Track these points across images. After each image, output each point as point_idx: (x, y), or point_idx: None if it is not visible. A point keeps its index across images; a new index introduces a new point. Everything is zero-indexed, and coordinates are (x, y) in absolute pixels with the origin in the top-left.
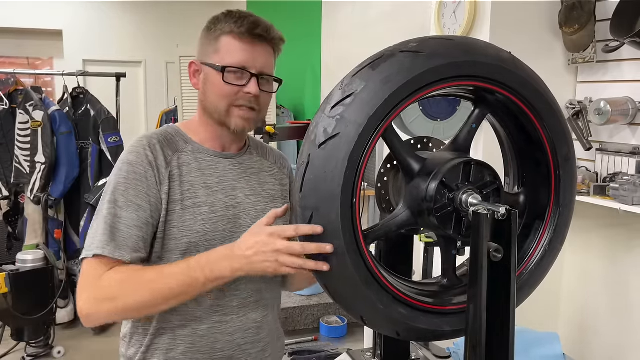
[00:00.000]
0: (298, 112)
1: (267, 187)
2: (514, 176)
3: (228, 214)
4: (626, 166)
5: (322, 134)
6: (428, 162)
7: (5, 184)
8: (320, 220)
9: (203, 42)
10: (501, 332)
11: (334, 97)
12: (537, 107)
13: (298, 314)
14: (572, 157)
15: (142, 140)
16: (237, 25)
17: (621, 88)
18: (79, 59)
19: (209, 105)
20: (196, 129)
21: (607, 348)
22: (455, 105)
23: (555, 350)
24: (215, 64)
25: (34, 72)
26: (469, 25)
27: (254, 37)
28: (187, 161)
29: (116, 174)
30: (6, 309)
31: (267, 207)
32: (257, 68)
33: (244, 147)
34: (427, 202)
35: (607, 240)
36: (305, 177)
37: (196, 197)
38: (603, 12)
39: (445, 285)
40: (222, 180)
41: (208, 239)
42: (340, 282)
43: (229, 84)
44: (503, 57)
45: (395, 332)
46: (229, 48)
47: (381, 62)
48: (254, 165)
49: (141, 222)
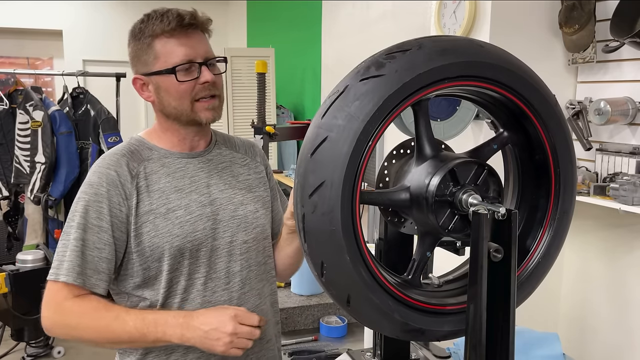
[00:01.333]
0: (298, 112)
1: (241, 178)
2: (509, 201)
3: (205, 212)
4: (626, 166)
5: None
6: (444, 153)
7: (5, 184)
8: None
9: (137, 55)
10: (501, 332)
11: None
12: (558, 156)
13: (298, 314)
14: (570, 212)
15: (105, 158)
16: (165, 24)
17: (621, 88)
18: (79, 59)
19: (171, 110)
20: (160, 135)
21: (607, 348)
22: (456, 105)
23: (555, 350)
24: (162, 69)
25: (34, 72)
26: (469, 25)
27: (185, 28)
28: (154, 169)
29: (80, 197)
30: (6, 309)
31: (245, 198)
32: (202, 55)
33: (211, 142)
34: (430, 187)
35: (607, 240)
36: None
37: (169, 203)
38: (603, 12)
39: (408, 281)
40: (194, 181)
41: (191, 240)
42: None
43: (184, 82)
44: (554, 99)
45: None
46: (167, 48)
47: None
48: (224, 159)
49: (102, 243)
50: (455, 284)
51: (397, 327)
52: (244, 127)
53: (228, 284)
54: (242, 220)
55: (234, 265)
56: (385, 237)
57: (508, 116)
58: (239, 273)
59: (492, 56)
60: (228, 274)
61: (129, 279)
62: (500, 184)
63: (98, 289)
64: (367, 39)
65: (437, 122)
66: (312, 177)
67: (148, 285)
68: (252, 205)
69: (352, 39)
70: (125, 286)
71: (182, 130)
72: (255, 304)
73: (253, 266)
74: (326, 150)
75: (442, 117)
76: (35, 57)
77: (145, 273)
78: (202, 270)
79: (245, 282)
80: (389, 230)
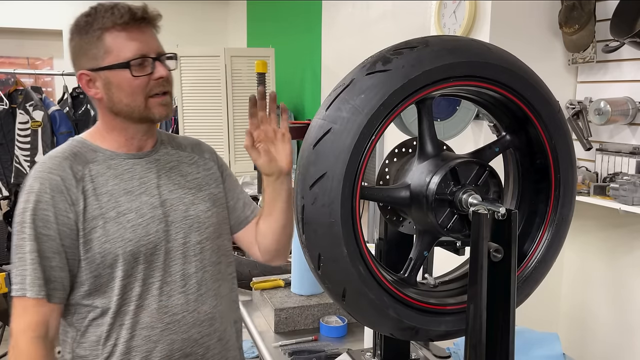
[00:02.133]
0: (298, 112)
1: (190, 177)
2: (508, 204)
3: (157, 214)
4: (626, 166)
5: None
6: (446, 152)
7: (5, 184)
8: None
9: (83, 48)
10: (501, 332)
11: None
12: (559, 161)
13: (298, 314)
14: (569, 217)
15: (45, 162)
16: (117, 17)
17: (621, 88)
18: None
19: (122, 107)
20: (104, 136)
21: (607, 348)
22: (455, 105)
23: (555, 350)
24: (114, 63)
25: (34, 72)
26: (469, 25)
27: (137, 23)
28: (100, 171)
29: (25, 208)
30: (6, 309)
31: (196, 198)
32: (154, 51)
33: (157, 142)
34: (430, 185)
35: (607, 240)
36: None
37: (119, 206)
38: (603, 12)
39: (404, 279)
40: (143, 182)
41: (144, 243)
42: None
43: (139, 77)
44: (557, 105)
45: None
46: (119, 42)
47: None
48: (171, 158)
49: (52, 252)
50: (451, 284)
51: (392, 324)
52: (243, 127)
53: (184, 286)
54: (194, 220)
55: (189, 267)
56: (386, 237)
57: (511, 120)
58: (194, 275)
59: (500, 58)
60: (184, 276)
61: (77, 288)
62: (501, 186)
63: (55, 299)
64: (367, 39)
65: (437, 122)
66: (314, 168)
67: (99, 293)
68: (203, 204)
69: (352, 39)
70: (74, 296)
71: (131, 129)
72: (213, 305)
73: (208, 267)
74: (329, 142)
75: (442, 117)
76: (35, 57)
77: (95, 281)
78: (157, 274)
79: (202, 283)
80: (389, 230)
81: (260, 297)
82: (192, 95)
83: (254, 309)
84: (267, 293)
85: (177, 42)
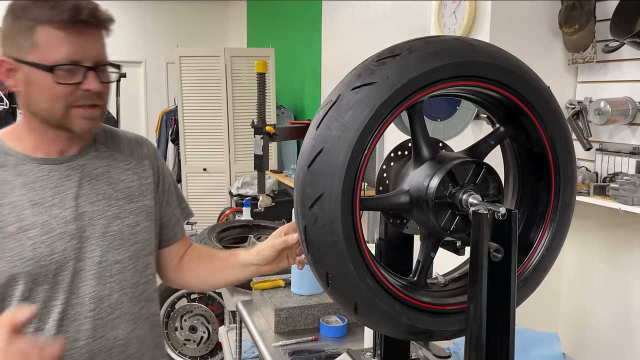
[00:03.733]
0: (298, 112)
1: (120, 186)
2: (509, 199)
3: (69, 230)
4: (626, 166)
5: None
6: (441, 154)
7: None
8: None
9: (10, 35)
10: (501, 332)
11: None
12: (557, 148)
13: (298, 314)
14: (572, 203)
15: None
16: (56, 12)
17: (621, 88)
18: None
19: (39, 110)
20: (22, 136)
21: (606, 348)
22: (455, 105)
23: (555, 350)
24: (38, 62)
25: None
26: (469, 25)
27: (79, 24)
28: (7, 178)
29: None
30: None
31: (122, 211)
32: (92, 59)
33: (87, 143)
34: (429, 189)
35: (607, 240)
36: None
37: (22, 220)
38: (603, 12)
39: (414, 282)
40: (58, 192)
41: (45, 264)
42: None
43: (62, 84)
44: (548, 92)
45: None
46: (51, 41)
47: None
48: (101, 164)
49: None
50: (461, 281)
51: (406, 330)
52: (243, 127)
53: (93, 310)
54: (115, 237)
55: (103, 288)
56: (385, 237)
57: (504, 111)
58: (107, 297)
59: (483, 54)
60: (94, 299)
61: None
62: (500, 181)
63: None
64: (367, 39)
65: (437, 122)
66: (311, 189)
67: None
68: (131, 218)
69: (352, 39)
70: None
71: (50, 133)
72: (128, 330)
73: (128, 288)
74: (322, 162)
75: (442, 117)
76: None
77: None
78: (61, 296)
79: (116, 306)
80: (389, 230)
81: (260, 297)
82: (192, 95)
83: (254, 308)
84: (267, 293)
85: (177, 43)
